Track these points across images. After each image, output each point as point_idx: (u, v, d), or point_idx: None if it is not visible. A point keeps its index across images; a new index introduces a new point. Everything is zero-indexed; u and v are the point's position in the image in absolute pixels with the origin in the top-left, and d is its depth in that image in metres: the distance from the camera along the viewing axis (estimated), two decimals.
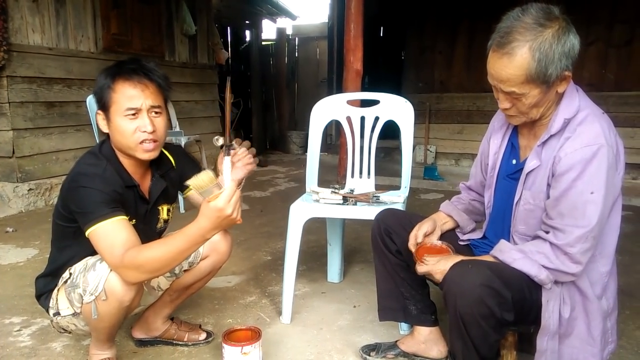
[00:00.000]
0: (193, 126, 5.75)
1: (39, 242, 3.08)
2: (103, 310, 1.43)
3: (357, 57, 4.38)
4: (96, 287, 1.40)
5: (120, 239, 1.35)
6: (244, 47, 8.67)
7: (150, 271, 1.37)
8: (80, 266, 1.48)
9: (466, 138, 6.29)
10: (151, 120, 1.47)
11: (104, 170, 1.45)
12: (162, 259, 1.34)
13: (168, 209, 1.71)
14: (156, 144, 1.50)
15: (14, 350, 1.84)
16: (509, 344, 1.53)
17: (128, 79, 1.44)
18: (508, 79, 1.26)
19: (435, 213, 1.72)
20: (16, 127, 3.82)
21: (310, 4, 21.11)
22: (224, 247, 1.74)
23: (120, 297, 1.41)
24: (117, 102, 1.44)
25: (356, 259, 2.84)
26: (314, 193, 2.11)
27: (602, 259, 1.35)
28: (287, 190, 4.98)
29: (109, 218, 1.37)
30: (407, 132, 2.22)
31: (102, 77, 1.47)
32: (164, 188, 1.64)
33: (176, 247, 1.33)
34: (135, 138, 1.46)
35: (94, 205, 1.38)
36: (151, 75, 1.48)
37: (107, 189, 1.41)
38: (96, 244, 1.38)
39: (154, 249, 1.35)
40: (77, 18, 4.32)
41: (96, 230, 1.36)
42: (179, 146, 1.78)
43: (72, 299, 1.47)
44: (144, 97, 1.45)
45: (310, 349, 1.85)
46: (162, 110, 1.51)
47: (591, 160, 1.23)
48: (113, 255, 1.35)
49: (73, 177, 1.45)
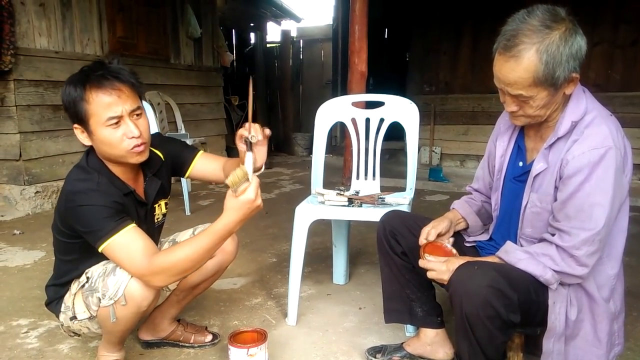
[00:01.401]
0: (198, 128, 5.77)
1: (46, 244, 3.10)
2: (121, 314, 1.43)
3: (362, 58, 4.39)
4: (116, 292, 1.40)
5: (137, 248, 1.35)
6: (248, 49, 8.70)
7: (180, 272, 1.37)
8: (99, 270, 1.47)
9: (471, 139, 6.27)
10: (135, 123, 1.41)
11: (98, 184, 1.41)
12: (190, 258, 1.35)
13: (165, 202, 1.71)
14: (145, 146, 1.47)
15: (21, 352, 1.85)
16: (515, 346, 1.52)
17: (100, 87, 1.36)
18: (515, 82, 1.25)
19: (450, 211, 1.70)
20: (23, 130, 3.85)
21: (315, 6, 21.15)
22: (231, 246, 1.74)
23: (139, 302, 1.42)
24: (96, 114, 1.37)
25: (361, 261, 2.84)
26: (319, 195, 2.11)
27: (610, 261, 1.34)
28: (292, 192, 4.98)
29: (119, 230, 1.36)
30: (412, 134, 2.21)
31: (70, 88, 1.38)
32: (160, 186, 1.62)
33: (204, 244, 1.34)
34: (124, 146, 1.41)
35: (99, 222, 1.36)
36: (121, 77, 1.40)
37: (107, 202, 1.38)
38: (113, 257, 1.38)
39: (182, 249, 1.36)
40: (83, 22, 4.35)
41: (109, 245, 1.35)
42: (157, 134, 1.72)
43: (90, 303, 1.47)
44: (122, 103, 1.38)
45: (316, 350, 1.85)
46: (141, 111, 1.46)
47: (599, 163, 1.23)
48: (135, 264, 1.35)
49: (68, 196, 1.41)
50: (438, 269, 1.41)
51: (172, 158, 1.69)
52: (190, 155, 1.71)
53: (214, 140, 6.22)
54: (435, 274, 1.42)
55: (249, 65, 8.58)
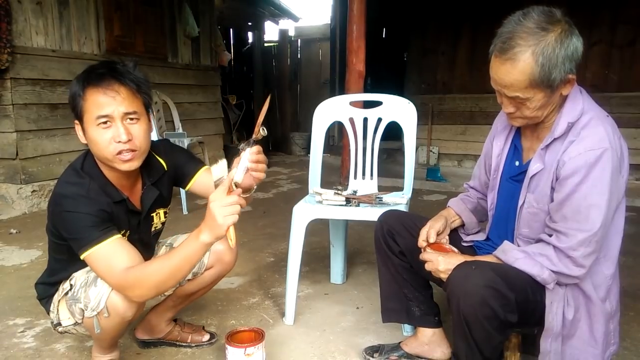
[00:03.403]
0: (196, 128, 5.76)
1: (42, 243, 3.09)
2: (105, 325, 1.42)
3: (360, 58, 4.39)
4: (98, 304, 1.38)
5: (118, 260, 1.31)
6: (246, 48, 8.69)
7: (156, 286, 1.32)
8: (82, 279, 1.45)
9: (469, 139, 6.28)
10: (126, 128, 1.35)
11: (88, 191, 1.36)
12: (166, 272, 1.30)
13: (164, 211, 1.66)
14: (135, 154, 1.38)
15: (17, 352, 1.84)
16: (512, 346, 1.52)
17: (97, 86, 1.33)
18: (512, 84, 1.26)
19: (444, 209, 1.71)
20: (20, 129, 3.83)
21: (313, 6, 21.14)
22: (229, 257, 1.73)
23: (122, 313, 1.39)
24: (89, 111, 1.34)
25: (359, 261, 2.84)
26: (317, 194, 2.11)
27: (607, 262, 1.35)
28: (290, 192, 4.98)
29: (102, 241, 1.31)
30: (410, 134, 2.22)
31: (74, 85, 1.37)
32: (157, 196, 1.56)
33: (178, 258, 1.29)
34: (111, 150, 1.35)
35: (83, 230, 1.32)
36: (122, 79, 1.36)
37: (93, 210, 1.33)
38: (94, 268, 1.35)
39: (156, 264, 1.32)
40: (81, 20, 4.34)
41: (91, 255, 1.32)
42: (165, 140, 1.69)
43: (74, 311, 1.45)
44: (116, 104, 1.33)
45: (313, 350, 1.85)
46: (139, 116, 1.39)
47: (595, 164, 1.23)
48: (113, 277, 1.32)
49: (56, 199, 1.37)
50: (434, 259, 1.42)
51: (175, 168, 1.64)
52: (194, 169, 1.65)
53: (212, 139, 6.21)
54: (431, 265, 1.43)
55: (247, 65, 8.57)
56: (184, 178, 1.66)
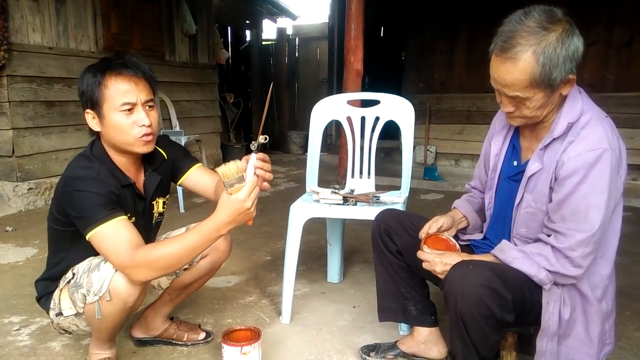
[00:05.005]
0: (193, 126, 5.75)
1: (39, 241, 3.09)
2: (106, 310, 1.43)
3: (358, 57, 4.39)
4: (100, 287, 1.40)
5: (124, 239, 1.35)
6: (244, 47, 8.67)
7: (163, 268, 1.38)
8: (84, 266, 1.47)
9: (466, 139, 6.29)
10: (147, 113, 1.47)
11: (98, 173, 1.44)
12: (175, 255, 1.35)
13: (163, 201, 1.72)
14: (153, 137, 1.51)
15: (13, 350, 1.84)
16: (508, 345, 1.53)
17: (120, 74, 1.43)
18: (512, 83, 1.25)
19: (452, 211, 1.70)
20: (16, 126, 3.82)
21: (311, 4, 21.13)
22: (224, 245, 1.74)
23: (124, 298, 1.41)
24: (111, 98, 1.43)
25: (356, 260, 2.84)
26: (314, 193, 2.11)
27: (604, 262, 1.35)
28: (287, 191, 4.98)
29: (109, 220, 1.36)
30: (408, 133, 2.21)
31: (89, 75, 1.44)
32: (159, 182, 1.64)
33: (190, 242, 1.35)
34: (134, 133, 1.46)
35: (92, 208, 1.37)
36: (140, 68, 1.48)
37: (103, 191, 1.39)
38: (99, 246, 1.38)
39: (168, 245, 1.36)
40: (78, 17, 4.32)
41: (97, 233, 1.36)
42: (165, 136, 1.78)
43: (75, 299, 1.47)
44: (138, 92, 1.45)
45: (310, 349, 1.85)
46: (154, 104, 1.52)
47: (594, 164, 1.23)
48: (119, 255, 1.35)
49: (66, 181, 1.44)
50: (431, 260, 1.41)
51: (173, 160, 1.71)
52: (187, 165, 1.73)
53: (209, 137, 6.20)
54: (428, 265, 1.43)
55: (245, 63, 8.56)
56: (178, 172, 1.74)
